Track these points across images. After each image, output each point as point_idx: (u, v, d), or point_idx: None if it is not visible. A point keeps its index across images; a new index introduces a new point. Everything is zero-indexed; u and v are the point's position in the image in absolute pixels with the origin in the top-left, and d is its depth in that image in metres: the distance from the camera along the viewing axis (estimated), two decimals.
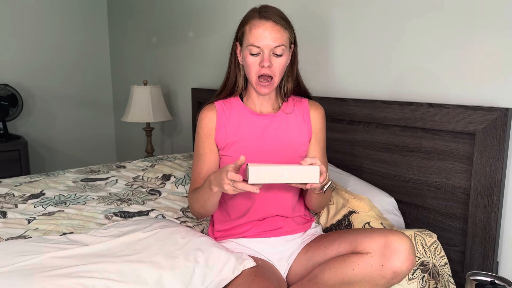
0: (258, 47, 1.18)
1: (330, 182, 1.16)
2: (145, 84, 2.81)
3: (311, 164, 1.07)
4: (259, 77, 1.21)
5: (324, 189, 1.15)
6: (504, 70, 1.33)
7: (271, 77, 1.21)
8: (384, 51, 1.66)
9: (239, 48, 1.26)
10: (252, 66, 1.20)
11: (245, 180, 1.06)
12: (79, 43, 3.67)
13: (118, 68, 3.78)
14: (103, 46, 3.82)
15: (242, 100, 1.32)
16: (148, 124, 2.88)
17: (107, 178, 2.05)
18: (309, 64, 1.92)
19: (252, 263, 1.16)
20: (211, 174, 1.15)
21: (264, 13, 1.19)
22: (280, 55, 1.20)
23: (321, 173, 1.08)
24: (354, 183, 1.61)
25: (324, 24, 1.87)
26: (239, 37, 1.24)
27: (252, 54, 1.19)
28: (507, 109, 1.28)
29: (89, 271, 1.05)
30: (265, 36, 1.17)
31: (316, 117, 1.35)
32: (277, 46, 1.18)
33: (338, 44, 1.82)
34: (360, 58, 1.75)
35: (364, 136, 1.71)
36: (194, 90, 2.67)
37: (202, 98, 2.59)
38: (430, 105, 1.46)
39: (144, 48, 3.33)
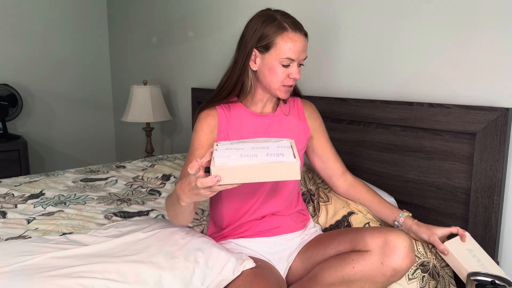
0: (293, 60, 1.18)
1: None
2: (145, 84, 2.81)
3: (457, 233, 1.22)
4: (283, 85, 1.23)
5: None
6: (504, 70, 1.33)
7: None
8: (384, 51, 1.65)
9: (257, 54, 1.20)
10: (281, 76, 1.20)
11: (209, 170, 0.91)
12: (79, 43, 3.66)
13: (118, 68, 3.78)
14: (103, 46, 3.81)
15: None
16: (148, 124, 2.88)
17: (106, 178, 2.05)
18: (309, 64, 1.92)
19: (252, 264, 1.16)
20: (177, 186, 1.02)
21: (293, 24, 1.18)
22: (303, 64, 1.24)
23: None
24: None
25: (324, 24, 1.87)
26: (266, 45, 1.18)
27: (284, 66, 1.19)
28: (507, 109, 1.28)
29: (89, 271, 1.04)
30: (300, 49, 1.18)
31: (310, 114, 1.38)
32: (305, 58, 1.22)
33: (338, 44, 1.82)
34: (360, 58, 1.74)
35: (364, 136, 1.71)
36: (194, 90, 2.66)
37: (202, 98, 2.59)
38: (431, 105, 1.46)
39: (144, 48, 3.33)
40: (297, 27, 1.18)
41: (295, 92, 1.39)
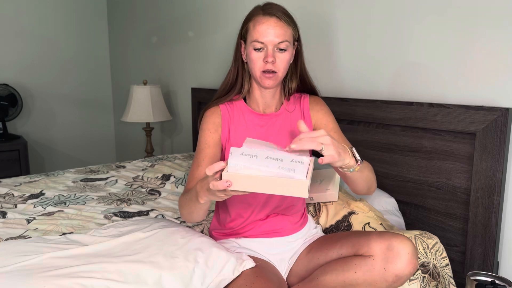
0: (262, 42, 1.18)
1: (357, 162, 1.04)
2: (145, 84, 2.81)
3: (318, 136, 0.94)
4: (263, 71, 1.20)
5: (352, 169, 1.03)
6: (504, 70, 1.32)
7: (275, 72, 1.20)
8: (384, 51, 1.65)
9: (243, 45, 1.25)
10: (256, 61, 1.20)
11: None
12: (79, 43, 3.67)
13: (118, 68, 3.78)
14: (103, 46, 3.81)
15: (245, 101, 1.31)
16: (148, 124, 2.88)
17: (106, 178, 2.05)
18: (309, 64, 1.91)
19: (251, 264, 1.16)
20: (198, 183, 1.05)
21: (268, 9, 1.19)
22: (284, 50, 1.19)
23: (327, 147, 0.94)
24: None
25: (325, 24, 1.87)
26: (243, 34, 1.24)
27: (255, 49, 1.19)
28: (507, 109, 1.28)
29: (88, 271, 1.04)
30: (269, 32, 1.17)
31: (314, 107, 1.31)
32: (281, 42, 1.18)
33: (338, 43, 1.82)
34: (360, 58, 1.74)
35: (364, 136, 1.71)
36: (194, 90, 2.66)
37: (202, 98, 2.59)
38: (431, 105, 1.46)
39: (144, 48, 3.33)
40: (267, 11, 1.19)
41: (313, 91, 1.35)
